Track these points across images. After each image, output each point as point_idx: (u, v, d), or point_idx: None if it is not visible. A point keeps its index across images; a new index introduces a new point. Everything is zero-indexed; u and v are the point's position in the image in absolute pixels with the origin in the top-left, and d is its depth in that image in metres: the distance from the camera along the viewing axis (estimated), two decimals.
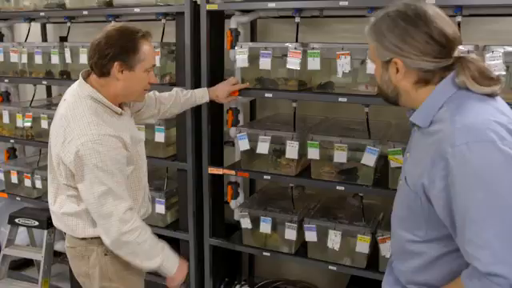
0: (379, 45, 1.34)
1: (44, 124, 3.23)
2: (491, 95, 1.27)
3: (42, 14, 3.20)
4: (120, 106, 1.95)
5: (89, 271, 1.97)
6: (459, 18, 2.16)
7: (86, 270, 1.98)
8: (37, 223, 3.30)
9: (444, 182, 1.20)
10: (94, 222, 1.88)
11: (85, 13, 3.01)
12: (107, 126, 1.81)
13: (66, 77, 3.27)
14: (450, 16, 2.14)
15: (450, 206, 1.20)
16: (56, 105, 3.55)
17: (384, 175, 2.42)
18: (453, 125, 1.20)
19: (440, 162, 1.19)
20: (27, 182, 3.42)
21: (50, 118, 3.23)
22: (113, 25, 1.88)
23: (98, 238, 1.89)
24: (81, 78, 1.90)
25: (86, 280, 2.01)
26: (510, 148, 1.14)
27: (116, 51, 1.78)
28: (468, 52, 2.04)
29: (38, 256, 3.29)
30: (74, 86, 1.94)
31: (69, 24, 3.23)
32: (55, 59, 3.15)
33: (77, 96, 1.87)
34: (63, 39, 3.41)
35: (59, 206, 1.94)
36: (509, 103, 1.35)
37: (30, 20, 3.41)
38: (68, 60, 3.13)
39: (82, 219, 1.91)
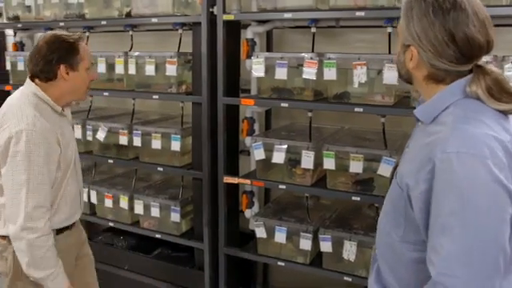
0: (405, 27, 1.27)
1: None
2: (506, 112, 1.22)
3: (61, 24, 3.25)
4: (62, 108, 2.03)
5: (8, 271, 1.95)
6: None
7: (5, 270, 1.97)
8: None
9: (426, 185, 1.17)
10: None
11: (103, 23, 3.06)
12: (44, 120, 1.87)
13: None
14: None
15: (427, 210, 1.18)
16: (73, 112, 3.61)
17: None
18: (451, 131, 1.16)
19: (428, 164, 1.16)
20: None
21: None
22: (47, 33, 1.97)
23: None
24: (28, 79, 1.97)
25: (6, 279, 1.98)
26: (499, 168, 1.10)
27: (60, 55, 1.90)
28: (486, 63, 2.02)
29: None
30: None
31: (87, 34, 3.28)
32: None
33: (20, 92, 1.96)
34: None
35: None
36: None
37: (50, 30, 3.45)
38: None
39: (4, 213, 1.90)
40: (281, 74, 2.48)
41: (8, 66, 3.54)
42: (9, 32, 3.98)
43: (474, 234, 1.10)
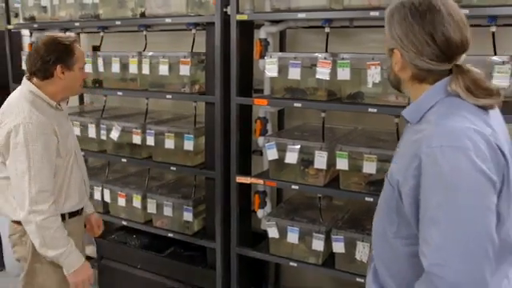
0: (388, 32, 1.35)
1: (76, 131, 3.30)
2: (485, 107, 1.26)
3: (76, 24, 3.29)
4: (58, 103, 2.16)
5: (27, 255, 2.11)
6: (493, 29, 2.13)
7: (24, 255, 2.13)
8: None
9: (415, 181, 1.22)
10: None
11: (117, 23, 3.08)
12: (40, 114, 2.02)
13: (99, 85, 3.34)
14: (484, 26, 2.13)
15: (416, 204, 1.23)
16: (87, 112, 3.66)
17: None
18: (435, 127, 1.22)
19: (415, 160, 1.22)
20: None
21: (83, 125, 3.32)
22: (45, 36, 2.13)
23: None
24: (25, 78, 2.12)
25: (25, 264, 2.14)
26: (482, 159, 1.15)
27: (57, 56, 2.05)
28: (503, 63, 2.00)
29: None
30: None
31: (102, 34, 3.31)
32: (88, 68, 3.23)
33: (18, 91, 2.12)
34: (96, 48, 3.49)
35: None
36: None
37: (66, 30, 3.50)
38: (100, 69, 3.20)
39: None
40: (294, 74, 2.48)
41: (24, 66, 3.59)
42: (25, 32, 4.03)
43: (461, 224, 1.14)
